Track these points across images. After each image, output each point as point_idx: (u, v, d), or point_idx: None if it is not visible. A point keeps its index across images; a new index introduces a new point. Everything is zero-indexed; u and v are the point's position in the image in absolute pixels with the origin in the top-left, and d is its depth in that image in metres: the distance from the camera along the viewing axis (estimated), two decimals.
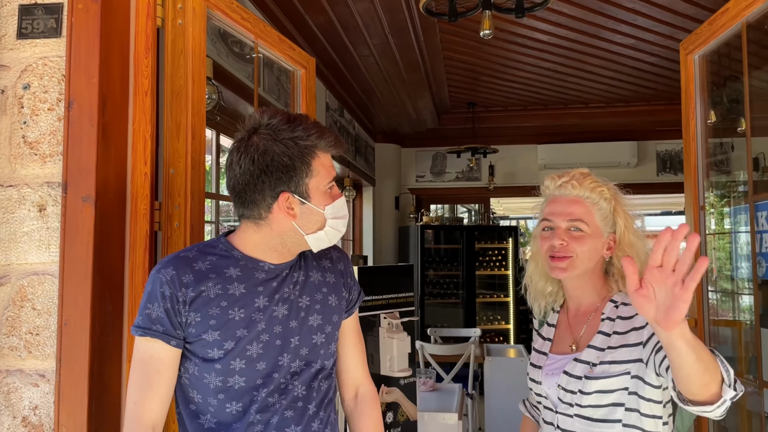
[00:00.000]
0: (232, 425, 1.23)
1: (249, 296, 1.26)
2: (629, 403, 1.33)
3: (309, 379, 1.30)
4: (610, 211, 1.44)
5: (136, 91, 1.56)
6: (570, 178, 1.44)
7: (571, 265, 1.40)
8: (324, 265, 1.40)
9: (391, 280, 2.92)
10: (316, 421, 1.30)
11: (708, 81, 2.33)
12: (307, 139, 1.23)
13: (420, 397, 3.41)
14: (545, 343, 1.53)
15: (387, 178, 7.52)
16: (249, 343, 1.24)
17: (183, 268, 1.23)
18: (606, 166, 7.10)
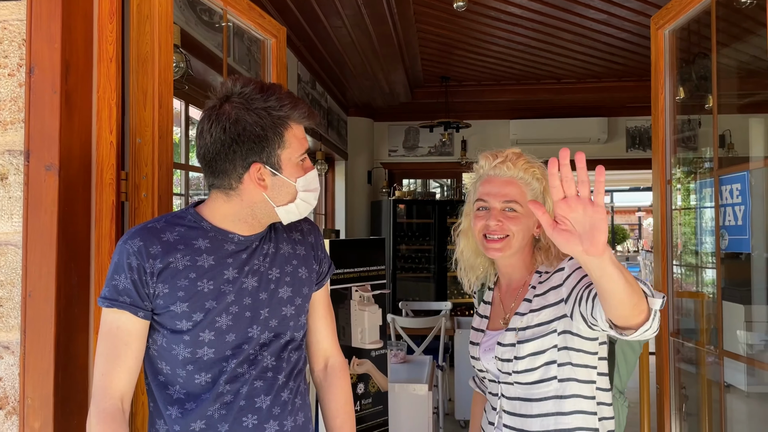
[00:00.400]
0: (201, 396, 1.23)
1: (218, 268, 1.25)
2: (561, 358, 1.38)
3: (278, 350, 1.30)
4: (541, 191, 1.48)
5: (100, 58, 1.51)
6: (504, 158, 1.48)
7: (507, 245, 1.45)
8: (294, 237, 1.39)
9: (363, 254, 2.92)
10: (285, 390, 1.31)
11: (677, 57, 2.35)
12: (280, 109, 1.22)
13: (391, 369, 3.44)
14: (482, 320, 1.58)
15: (360, 152, 7.49)
16: (218, 314, 1.23)
17: (151, 239, 1.21)
18: (576, 141, 7.17)
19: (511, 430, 1.43)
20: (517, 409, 1.43)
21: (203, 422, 1.23)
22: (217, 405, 1.23)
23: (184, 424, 1.23)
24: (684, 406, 2.12)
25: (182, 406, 1.23)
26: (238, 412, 1.24)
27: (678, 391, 2.09)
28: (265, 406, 1.27)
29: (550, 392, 1.39)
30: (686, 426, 2.12)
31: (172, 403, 1.25)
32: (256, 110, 1.20)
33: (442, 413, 4.77)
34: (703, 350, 2.12)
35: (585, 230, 0.95)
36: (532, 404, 1.40)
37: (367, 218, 7.49)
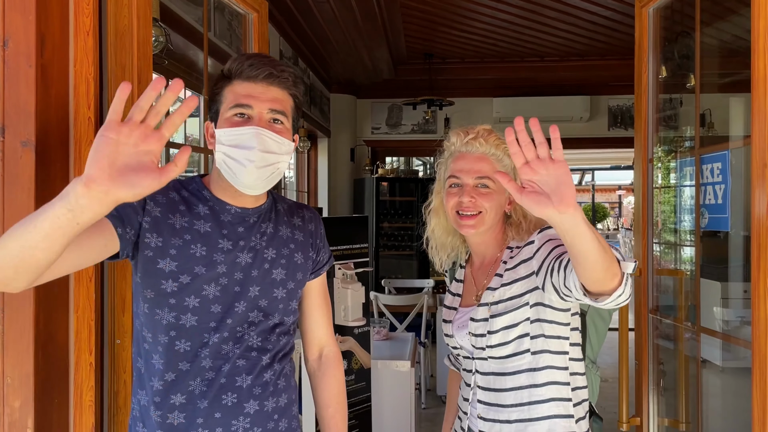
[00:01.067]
0: (180, 366, 1.22)
1: (213, 236, 1.25)
2: (533, 330, 1.39)
3: (266, 332, 1.30)
4: (512, 167, 1.46)
5: (77, 30, 1.47)
6: (476, 135, 1.48)
7: (480, 221, 1.45)
8: (295, 222, 1.39)
9: (346, 231, 2.92)
10: (269, 371, 1.30)
11: (661, 36, 2.35)
12: (228, 68, 1.24)
13: (374, 346, 3.46)
14: (455, 298, 1.59)
15: (342, 130, 7.44)
16: (206, 282, 1.23)
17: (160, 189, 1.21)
18: (559, 120, 7.18)
19: (486, 405, 1.44)
20: (491, 384, 1.44)
21: (183, 396, 1.22)
22: (198, 380, 1.23)
23: (164, 395, 1.22)
24: (662, 382, 2.16)
25: (162, 377, 1.23)
26: (218, 390, 1.23)
27: (656, 366, 2.13)
28: (246, 386, 1.26)
29: (523, 365, 1.40)
30: (663, 401, 2.16)
31: (153, 374, 1.24)
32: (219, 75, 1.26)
33: (424, 389, 4.83)
34: (681, 327, 2.16)
35: (552, 188, 0.96)
36: (506, 378, 1.41)
37: (350, 196, 7.47)
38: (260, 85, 1.23)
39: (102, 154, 0.84)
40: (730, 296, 3.99)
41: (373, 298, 4.79)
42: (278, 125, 1.23)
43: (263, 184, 1.24)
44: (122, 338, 1.60)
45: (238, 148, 1.19)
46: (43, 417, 1.39)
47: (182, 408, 1.22)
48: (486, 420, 1.44)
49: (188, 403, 1.22)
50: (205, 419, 1.23)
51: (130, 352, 1.53)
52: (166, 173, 0.87)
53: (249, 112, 1.22)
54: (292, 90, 1.27)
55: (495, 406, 1.43)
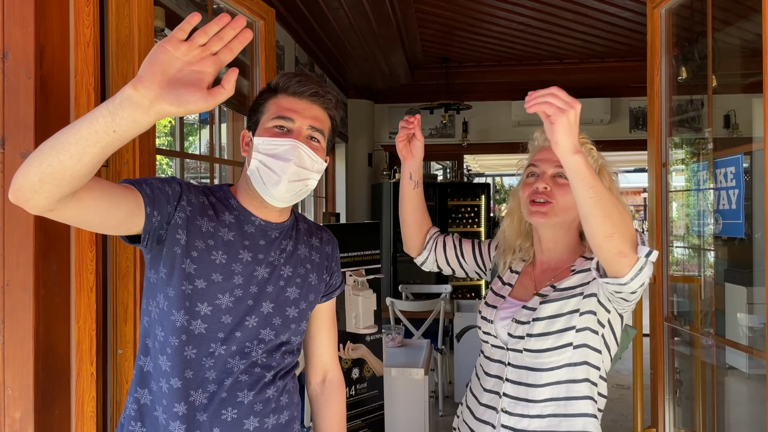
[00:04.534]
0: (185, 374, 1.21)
1: (236, 246, 1.25)
2: (580, 323, 1.37)
3: (272, 350, 1.29)
4: (595, 170, 1.44)
5: (77, 42, 1.48)
6: None
7: (551, 210, 1.41)
8: (313, 243, 1.39)
9: (358, 238, 2.90)
10: (271, 388, 1.29)
11: (674, 35, 2.30)
12: (276, 82, 1.28)
13: (388, 353, 3.44)
14: (504, 287, 1.55)
15: (360, 135, 7.44)
16: (221, 291, 1.22)
17: (194, 189, 1.26)
18: (580, 122, 7.06)
19: (512, 398, 1.41)
20: (523, 378, 1.41)
21: (185, 407, 1.20)
22: (200, 391, 1.21)
23: (169, 400, 1.21)
24: (678, 391, 2.10)
25: (168, 381, 1.21)
26: (219, 404, 1.22)
27: (672, 376, 2.07)
28: (247, 402, 1.25)
29: (562, 360, 1.37)
30: (680, 412, 2.10)
31: (161, 375, 1.23)
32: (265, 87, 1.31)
33: (441, 396, 4.78)
34: (697, 335, 2.10)
35: None
36: (542, 374, 1.39)
37: (368, 201, 7.46)
38: (304, 101, 1.26)
39: (156, 60, 0.84)
40: (755, 301, 3.89)
41: (390, 304, 4.77)
42: (315, 143, 1.25)
43: (291, 197, 1.26)
44: (124, 348, 1.59)
45: (274, 158, 1.21)
46: (43, 428, 1.39)
47: (183, 419, 1.20)
48: (512, 414, 1.41)
49: (188, 414, 1.21)
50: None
51: (133, 361, 1.53)
52: (215, 95, 0.87)
53: (290, 125, 1.24)
54: (332, 112, 1.31)
55: (524, 401, 1.40)
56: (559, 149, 1.11)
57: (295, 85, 1.26)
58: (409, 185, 1.62)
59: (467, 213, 7.42)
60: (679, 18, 2.37)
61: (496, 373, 1.47)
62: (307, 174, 1.23)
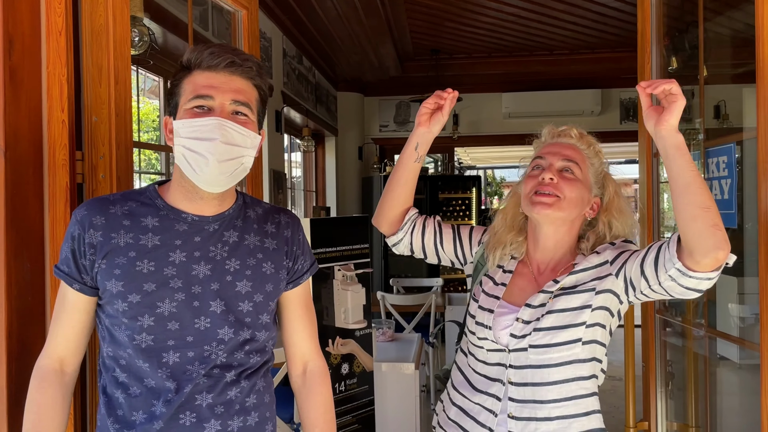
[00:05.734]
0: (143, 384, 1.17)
1: (163, 249, 1.17)
2: (591, 318, 1.33)
3: (234, 348, 1.21)
4: (602, 173, 1.44)
5: (49, 31, 1.43)
6: (569, 129, 1.45)
7: (558, 203, 1.36)
8: (267, 229, 1.29)
9: (345, 232, 2.86)
10: (233, 389, 1.22)
11: (665, 25, 2.26)
12: (187, 58, 1.17)
13: (378, 347, 3.41)
14: (498, 287, 1.47)
15: (350, 128, 7.39)
16: (160, 299, 1.15)
17: (97, 208, 1.17)
18: (570, 114, 7.07)
19: (519, 402, 1.36)
20: (528, 379, 1.36)
21: (145, 415, 1.16)
22: (159, 399, 1.16)
23: (128, 409, 1.17)
24: (670, 384, 2.08)
25: (126, 390, 1.17)
26: (177, 409, 1.16)
27: (664, 368, 2.05)
28: (206, 404, 1.18)
29: (571, 356, 1.34)
30: (672, 404, 2.08)
31: (117, 386, 1.18)
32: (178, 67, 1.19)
33: (433, 390, 4.76)
34: (689, 327, 2.08)
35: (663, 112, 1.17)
36: (550, 370, 1.34)
37: (358, 195, 7.42)
38: (222, 74, 1.15)
39: None
40: (746, 291, 3.87)
41: (380, 298, 4.73)
42: (242, 117, 1.16)
43: (226, 180, 1.17)
44: None
45: (198, 140, 1.12)
46: (17, 429, 1.34)
47: (140, 427, 1.16)
48: (519, 419, 1.35)
49: (147, 422, 1.16)
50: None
51: None
52: None
53: (210, 103, 1.14)
54: (257, 81, 1.20)
55: (531, 403, 1.35)
56: (669, 128, 1.17)
57: (209, 57, 1.15)
58: (412, 156, 1.53)
59: (458, 206, 7.39)
60: (670, 8, 2.34)
61: (496, 376, 1.41)
62: (240, 151, 1.15)
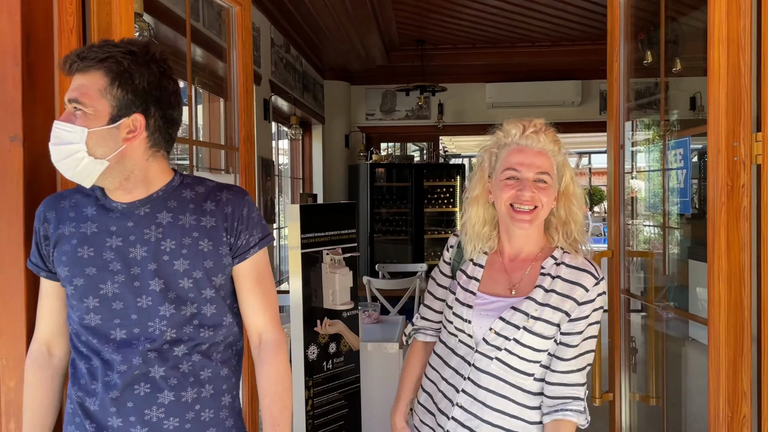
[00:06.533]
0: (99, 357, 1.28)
1: (100, 235, 1.28)
2: (545, 361, 1.49)
3: (181, 323, 1.29)
4: (562, 164, 1.52)
5: (60, 29, 1.54)
6: (536, 129, 1.49)
7: (535, 216, 1.48)
8: (206, 207, 1.33)
9: (333, 218, 2.99)
10: (186, 363, 1.30)
11: (640, 20, 2.40)
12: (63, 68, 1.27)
13: (364, 329, 3.55)
14: (471, 281, 1.57)
15: (337, 116, 7.50)
16: (101, 282, 1.27)
17: (50, 204, 1.33)
18: (551, 105, 7.24)
19: (470, 397, 1.50)
20: (481, 382, 1.49)
21: (102, 385, 1.27)
22: (112, 372, 1.26)
23: (89, 379, 1.29)
24: (634, 359, 2.24)
25: (88, 362, 1.30)
26: (131, 381, 1.26)
27: (627, 344, 2.21)
28: (159, 376, 1.27)
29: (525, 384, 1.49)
30: (636, 378, 2.25)
31: (81, 358, 1.31)
32: None
33: None
34: (651, 306, 2.24)
35: None
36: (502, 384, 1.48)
37: (345, 182, 7.54)
38: (80, 76, 1.23)
39: None
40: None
41: (366, 283, 4.88)
42: (78, 111, 1.22)
43: (80, 176, 1.24)
44: None
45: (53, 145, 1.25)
46: None
47: (98, 396, 1.27)
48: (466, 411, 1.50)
49: (104, 392, 1.27)
50: (118, 408, 1.26)
51: None
52: None
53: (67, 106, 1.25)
54: (99, 68, 1.22)
55: (480, 403, 1.49)
56: None
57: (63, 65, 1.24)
58: None
59: (442, 193, 7.55)
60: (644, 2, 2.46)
61: (455, 366, 1.54)
62: (70, 149, 1.21)
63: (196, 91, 4.45)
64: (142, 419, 1.27)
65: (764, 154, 1.47)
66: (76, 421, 1.30)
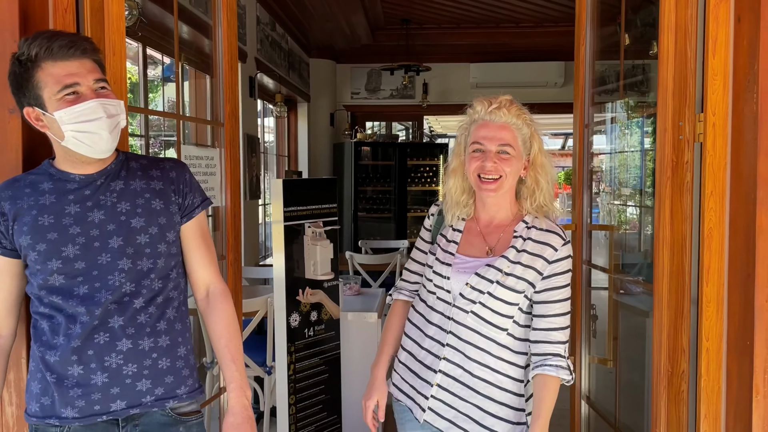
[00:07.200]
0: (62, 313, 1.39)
1: (59, 204, 1.40)
2: (517, 317, 1.61)
3: (139, 277, 1.42)
4: (529, 136, 1.64)
5: (55, 8, 1.62)
6: (499, 105, 1.61)
7: (500, 185, 1.61)
8: (153, 174, 1.50)
9: (315, 193, 3.11)
10: (143, 314, 1.42)
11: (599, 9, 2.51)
12: (27, 54, 1.34)
13: (345, 300, 3.69)
14: (450, 244, 1.71)
15: (322, 95, 7.57)
16: (63, 245, 1.38)
17: (5, 185, 1.44)
18: (534, 85, 7.35)
19: (453, 349, 1.62)
20: (461, 334, 1.62)
21: (64, 337, 1.39)
22: (75, 324, 1.38)
23: (50, 335, 1.40)
24: (593, 325, 2.40)
25: (50, 320, 1.41)
26: (91, 330, 1.38)
27: (588, 311, 2.37)
28: (118, 326, 1.39)
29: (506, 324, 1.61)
30: (594, 342, 2.42)
31: (42, 318, 1.42)
32: (13, 61, 1.37)
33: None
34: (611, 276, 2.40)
35: None
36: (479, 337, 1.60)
37: (330, 160, 7.64)
38: (73, 61, 1.35)
39: None
40: None
41: (349, 258, 5.01)
42: (105, 91, 1.38)
43: (113, 145, 1.41)
44: None
45: (87, 122, 1.35)
46: None
47: (60, 348, 1.39)
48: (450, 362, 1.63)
49: (65, 344, 1.38)
50: (79, 357, 1.38)
51: None
52: None
53: (79, 89, 1.35)
54: (96, 56, 1.41)
55: (460, 354, 1.61)
56: None
57: (59, 50, 1.33)
58: None
59: (426, 172, 7.67)
60: None
61: (438, 323, 1.66)
62: (117, 119, 1.39)
63: (182, 68, 4.53)
64: (102, 365, 1.38)
65: (706, 134, 1.61)
66: (38, 377, 1.42)
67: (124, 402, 1.40)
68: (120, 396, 1.40)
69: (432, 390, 1.64)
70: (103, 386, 1.39)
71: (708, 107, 1.60)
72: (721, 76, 1.57)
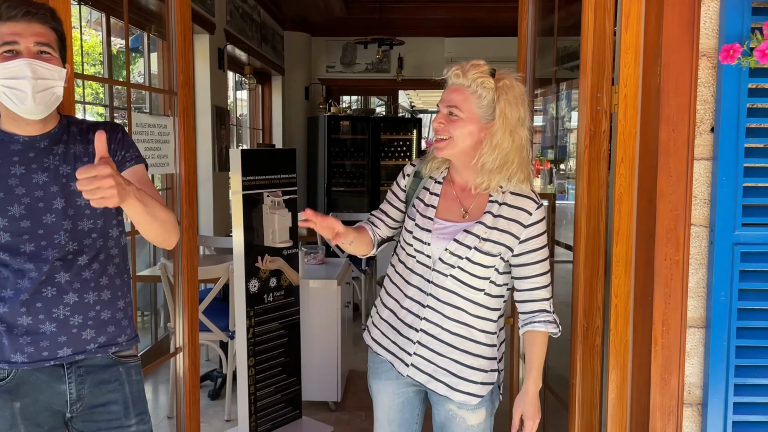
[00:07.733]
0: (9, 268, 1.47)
1: (5, 166, 1.48)
2: (494, 277, 1.68)
3: (81, 237, 1.52)
4: (492, 101, 1.62)
5: None
6: (459, 69, 1.64)
7: (448, 145, 1.66)
8: (90, 137, 1.55)
9: (274, 163, 3.19)
10: (87, 270, 1.53)
11: None
12: None
13: (308, 269, 3.80)
14: (428, 208, 1.74)
15: (297, 68, 7.58)
16: (9, 204, 1.47)
17: None
18: (509, 60, 7.33)
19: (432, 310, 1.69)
20: (441, 297, 1.68)
21: (12, 292, 1.48)
22: (24, 279, 1.47)
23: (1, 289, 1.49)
24: None
25: None
26: (39, 285, 1.48)
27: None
28: (64, 281, 1.50)
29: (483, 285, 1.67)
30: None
31: None
32: None
33: (364, 312, 5.23)
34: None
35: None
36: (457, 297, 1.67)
37: (304, 133, 7.69)
38: (21, 23, 1.41)
39: None
40: None
41: None
42: (46, 56, 1.43)
43: (44, 108, 1.45)
44: None
45: (14, 79, 1.40)
46: None
47: (8, 300, 1.48)
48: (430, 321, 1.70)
49: (15, 296, 1.47)
50: (27, 309, 1.48)
51: None
52: None
53: (17, 47, 1.40)
54: (52, 24, 1.46)
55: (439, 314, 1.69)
56: None
57: (7, 10, 1.39)
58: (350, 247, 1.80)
59: (399, 146, 7.75)
60: None
61: (417, 284, 1.72)
62: (50, 83, 1.42)
63: (149, 37, 4.55)
64: (50, 316, 1.49)
65: (619, 104, 1.71)
66: None
67: (70, 349, 1.52)
68: (67, 344, 1.52)
69: (413, 347, 1.73)
70: (51, 335, 1.50)
71: (621, 79, 1.70)
72: (633, 50, 1.67)
